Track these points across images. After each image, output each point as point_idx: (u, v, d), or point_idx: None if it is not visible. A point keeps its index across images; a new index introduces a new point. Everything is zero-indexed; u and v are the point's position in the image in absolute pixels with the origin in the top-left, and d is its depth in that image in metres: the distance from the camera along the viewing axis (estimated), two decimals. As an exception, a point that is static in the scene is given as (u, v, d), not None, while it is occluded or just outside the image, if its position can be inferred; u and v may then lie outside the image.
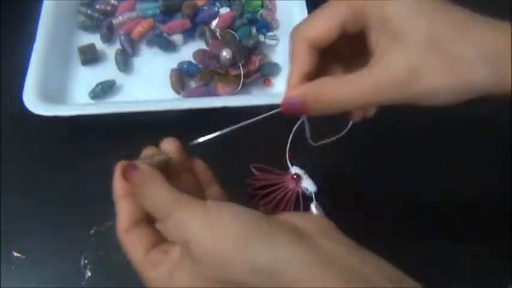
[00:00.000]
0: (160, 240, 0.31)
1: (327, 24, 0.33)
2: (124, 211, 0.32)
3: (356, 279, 0.25)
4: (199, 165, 0.35)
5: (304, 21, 0.35)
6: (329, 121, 0.42)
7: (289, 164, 0.50)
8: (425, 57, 0.30)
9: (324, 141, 0.43)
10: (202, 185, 0.35)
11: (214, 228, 0.27)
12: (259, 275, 0.25)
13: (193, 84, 0.56)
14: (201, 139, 0.35)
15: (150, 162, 0.32)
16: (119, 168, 0.32)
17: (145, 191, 0.30)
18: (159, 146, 0.34)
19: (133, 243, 0.31)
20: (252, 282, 0.26)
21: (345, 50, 0.36)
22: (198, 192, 0.34)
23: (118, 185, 0.32)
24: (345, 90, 0.32)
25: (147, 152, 0.34)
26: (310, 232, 0.28)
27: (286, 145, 0.51)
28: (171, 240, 0.30)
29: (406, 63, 0.30)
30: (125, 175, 0.31)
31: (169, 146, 0.34)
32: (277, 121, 0.52)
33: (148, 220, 0.32)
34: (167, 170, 0.32)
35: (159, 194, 0.29)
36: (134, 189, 0.31)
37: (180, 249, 0.29)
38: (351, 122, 0.39)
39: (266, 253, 0.26)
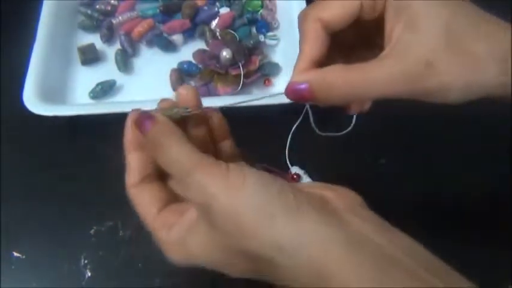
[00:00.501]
0: (173, 198, 0.30)
1: (344, 6, 0.31)
2: (135, 164, 0.30)
3: (384, 260, 0.24)
4: (216, 117, 0.33)
5: (318, 2, 0.32)
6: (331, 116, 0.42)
7: (289, 164, 0.50)
8: (442, 51, 0.29)
9: (330, 134, 0.42)
10: (216, 139, 0.33)
11: (237, 196, 0.25)
12: (282, 251, 0.24)
13: (193, 84, 0.56)
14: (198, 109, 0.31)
15: (168, 115, 0.29)
16: (132, 117, 0.29)
17: (163, 148, 0.27)
18: (176, 94, 0.31)
19: (144, 200, 0.30)
20: (272, 257, 0.25)
21: (350, 40, 0.35)
22: (209, 146, 0.32)
23: (129, 135, 0.30)
24: (358, 79, 0.29)
25: (164, 103, 0.31)
26: (338, 207, 0.27)
27: (286, 145, 0.51)
28: (188, 201, 0.29)
29: (423, 56, 0.28)
30: (140, 127, 0.28)
31: (186, 95, 0.31)
32: (277, 121, 0.52)
33: (159, 176, 0.30)
34: (181, 123, 0.30)
35: (179, 152, 0.27)
36: (149, 144, 0.28)
37: (197, 212, 0.27)
38: (354, 117, 0.39)
39: (291, 230, 0.24)
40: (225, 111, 0.33)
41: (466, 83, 0.29)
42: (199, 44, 0.59)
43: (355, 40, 0.35)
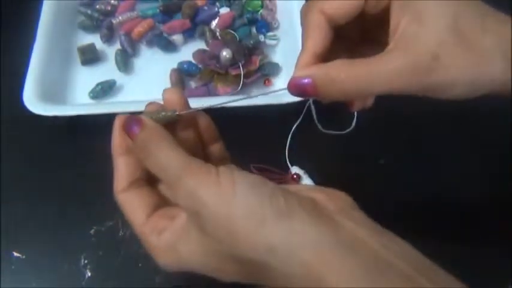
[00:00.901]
0: (162, 202, 0.30)
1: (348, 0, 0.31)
2: (122, 169, 0.30)
3: (376, 263, 0.24)
4: (203, 120, 0.32)
5: None
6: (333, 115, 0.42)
7: (289, 164, 0.50)
8: (449, 45, 0.28)
9: (332, 132, 0.42)
10: (205, 142, 0.33)
11: (227, 201, 0.25)
12: (273, 254, 0.24)
13: (193, 84, 0.56)
14: (192, 109, 0.31)
15: (155, 118, 0.29)
16: (119, 121, 0.29)
17: (152, 152, 0.27)
18: (163, 97, 0.30)
19: (132, 205, 0.29)
20: (265, 261, 0.24)
21: (353, 35, 0.34)
22: (198, 150, 0.32)
23: (117, 139, 0.30)
24: (362, 74, 0.29)
25: (150, 107, 0.31)
26: (330, 209, 0.27)
27: (286, 145, 0.51)
28: (178, 205, 0.28)
29: (430, 48, 0.28)
30: (128, 131, 0.28)
31: (172, 98, 0.30)
32: (277, 121, 0.52)
33: (148, 180, 0.30)
34: (169, 126, 0.30)
35: (168, 157, 0.27)
36: (137, 148, 0.28)
37: (187, 217, 0.27)
38: (355, 117, 0.38)
39: (283, 233, 0.24)
40: (225, 111, 0.33)
41: (472, 77, 0.29)
42: (199, 44, 0.59)
43: (359, 36, 0.35)
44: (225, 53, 0.54)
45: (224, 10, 0.61)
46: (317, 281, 0.24)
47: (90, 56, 0.57)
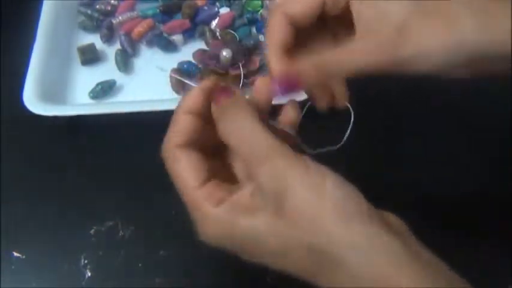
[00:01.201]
0: (214, 175, 0.28)
1: (307, 4, 0.32)
2: (184, 125, 0.28)
3: (441, 280, 0.25)
4: (293, 115, 0.33)
5: None
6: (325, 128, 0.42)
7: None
8: (413, 17, 0.29)
9: (323, 150, 0.42)
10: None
11: (316, 190, 0.25)
12: (354, 251, 0.24)
13: (193, 84, 0.56)
14: None
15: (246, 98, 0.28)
16: (207, 85, 0.29)
17: (239, 124, 0.27)
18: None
19: (187, 164, 0.28)
20: (342, 256, 0.24)
21: (325, 31, 0.35)
22: None
23: (193, 98, 0.29)
24: (343, 53, 0.30)
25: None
26: (399, 228, 0.27)
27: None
28: (233, 182, 0.28)
29: (394, 25, 0.29)
30: (215, 96, 0.28)
31: (262, 88, 0.31)
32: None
33: (203, 150, 0.29)
34: None
35: (257, 133, 0.27)
36: (221, 114, 0.27)
37: (260, 196, 0.26)
38: (348, 130, 0.38)
39: (367, 234, 0.25)
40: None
41: (443, 43, 0.29)
42: (199, 44, 0.59)
43: (324, 34, 0.36)
44: (225, 53, 0.54)
45: (224, 10, 0.61)
46: None
47: (90, 56, 0.57)
